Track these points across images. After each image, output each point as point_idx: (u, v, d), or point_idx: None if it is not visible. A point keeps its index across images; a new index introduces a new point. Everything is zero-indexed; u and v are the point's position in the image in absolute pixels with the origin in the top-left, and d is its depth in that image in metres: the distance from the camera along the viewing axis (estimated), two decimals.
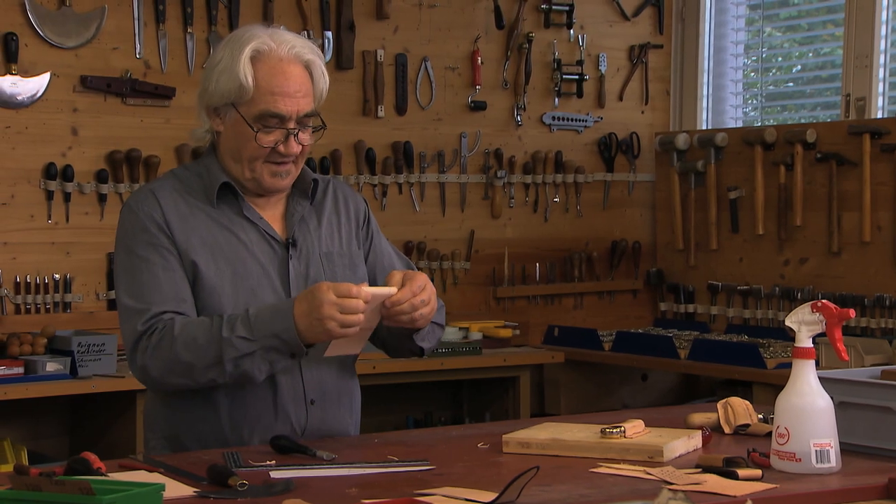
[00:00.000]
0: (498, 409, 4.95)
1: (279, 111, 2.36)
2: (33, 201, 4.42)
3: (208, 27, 4.68)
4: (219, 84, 2.38)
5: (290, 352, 2.28)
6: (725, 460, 2.07)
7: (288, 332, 2.25)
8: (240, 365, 2.28)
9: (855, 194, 4.77)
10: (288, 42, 2.39)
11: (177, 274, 2.35)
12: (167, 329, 2.30)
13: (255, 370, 2.29)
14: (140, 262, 2.36)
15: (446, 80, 5.17)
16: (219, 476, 1.98)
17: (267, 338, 2.27)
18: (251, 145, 2.38)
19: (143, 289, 2.34)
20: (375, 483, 2.03)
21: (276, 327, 2.26)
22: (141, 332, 2.32)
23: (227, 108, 2.39)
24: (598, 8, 5.47)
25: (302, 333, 2.26)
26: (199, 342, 2.28)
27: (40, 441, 4.36)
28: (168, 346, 2.29)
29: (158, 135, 4.59)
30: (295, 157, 2.40)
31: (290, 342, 2.26)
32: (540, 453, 2.21)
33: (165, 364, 2.30)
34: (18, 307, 4.37)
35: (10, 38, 4.33)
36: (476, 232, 5.24)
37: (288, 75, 2.37)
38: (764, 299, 5.11)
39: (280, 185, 2.42)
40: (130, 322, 2.33)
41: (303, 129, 2.40)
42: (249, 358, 2.27)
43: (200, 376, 2.30)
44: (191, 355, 2.28)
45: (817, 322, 2.14)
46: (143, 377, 2.35)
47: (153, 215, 2.38)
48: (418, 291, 2.30)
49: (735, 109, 5.55)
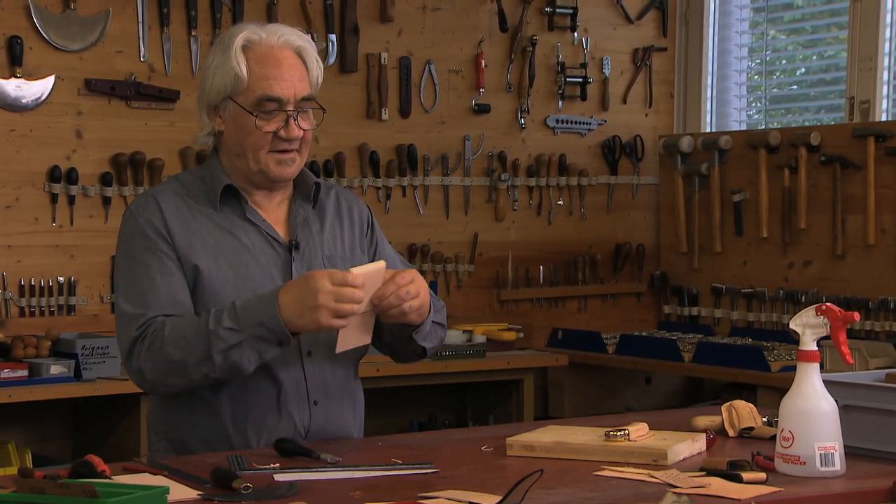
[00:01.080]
0: (502, 412, 4.95)
1: (276, 94, 2.37)
2: (38, 204, 4.42)
3: (212, 30, 4.68)
4: (214, 80, 2.39)
5: (277, 340, 2.27)
6: (730, 463, 2.07)
7: (273, 320, 2.25)
8: (229, 356, 2.27)
9: (859, 197, 4.77)
10: (278, 31, 2.41)
11: (174, 278, 2.36)
12: (158, 330, 2.31)
13: (245, 360, 2.28)
14: (138, 267, 2.36)
15: (450, 82, 5.17)
16: (223, 479, 1.98)
17: (253, 327, 2.26)
18: (253, 134, 2.38)
19: (139, 294, 2.34)
20: (379, 486, 2.03)
21: (261, 316, 2.26)
22: (135, 337, 2.32)
23: (225, 103, 2.40)
24: (601, 11, 5.47)
25: (289, 322, 2.25)
26: (188, 338, 2.28)
27: (44, 444, 4.36)
28: (159, 347, 2.29)
29: (162, 138, 4.59)
30: (298, 143, 2.40)
31: (275, 330, 2.26)
32: (544, 456, 2.21)
33: (158, 365, 2.30)
34: (23, 310, 4.37)
35: (15, 42, 4.33)
36: (480, 235, 5.24)
37: (280, 60, 2.38)
38: (768, 302, 5.10)
39: (286, 172, 2.42)
40: (126, 329, 2.35)
41: (302, 114, 2.40)
42: (237, 349, 2.27)
43: (193, 373, 2.29)
44: (181, 353, 2.28)
45: (821, 325, 2.14)
46: (140, 381, 2.36)
47: (153, 221, 2.38)
48: (404, 283, 2.30)
49: (739, 112, 5.55)
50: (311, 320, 2.24)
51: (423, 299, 2.34)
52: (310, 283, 2.24)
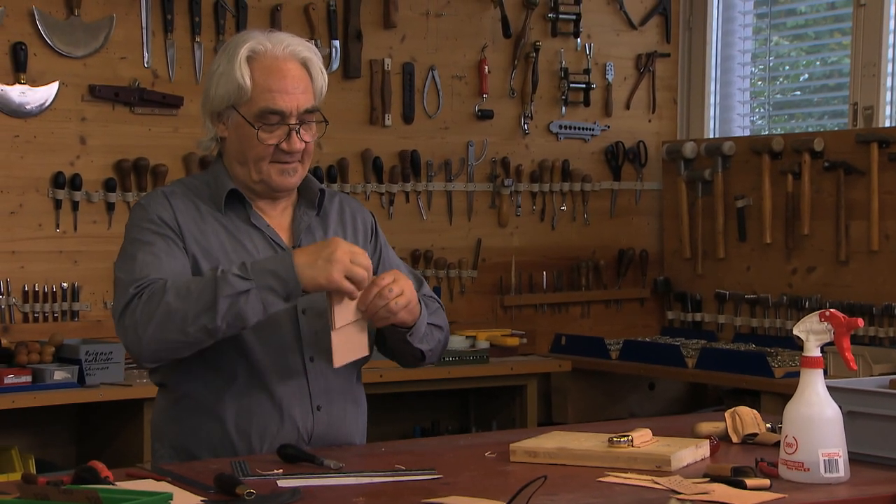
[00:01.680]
0: (505, 417, 4.95)
1: (278, 107, 2.37)
2: (41, 210, 4.43)
3: (216, 36, 4.69)
4: (218, 88, 2.39)
5: (286, 293, 2.24)
6: (733, 470, 2.07)
7: (287, 269, 2.23)
8: (235, 303, 2.22)
9: (863, 203, 4.77)
10: (283, 41, 2.41)
11: (178, 261, 2.34)
12: (158, 285, 2.27)
13: (250, 310, 2.23)
14: (143, 245, 2.35)
15: (453, 88, 5.18)
16: (226, 485, 1.98)
17: (263, 275, 2.23)
18: (255, 145, 2.38)
19: (140, 265, 2.31)
20: (382, 492, 2.03)
21: (273, 265, 2.25)
22: (132, 294, 2.27)
23: (228, 112, 2.40)
24: (605, 17, 5.48)
25: (301, 272, 2.23)
26: (191, 289, 2.24)
27: (48, 450, 4.36)
28: (158, 298, 2.24)
29: (166, 143, 4.60)
30: (300, 154, 2.40)
31: (286, 279, 2.23)
32: (547, 462, 2.21)
33: (155, 317, 2.23)
34: (26, 316, 4.38)
35: (20, 48, 4.34)
36: (483, 240, 5.24)
37: (285, 72, 2.38)
38: (772, 308, 5.10)
39: (288, 182, 2.43)
40: (123, 291, 2.29)
41: (305, 126, 2.40)
42: (245, 296, 2.22)
43: (191, 324, 2.23)
44: (182, 302, 2.23)
45: (825, 331, 2.13)
46: (131, 338, 2.27)
47: (163, 214, 2.39)
48: (385, 283, 2.29)
49: (742, 118, 5.55)
50: (323, 273, 2.22)
51: (408, 297, 2.33)
52: (329, 242, 2.27)
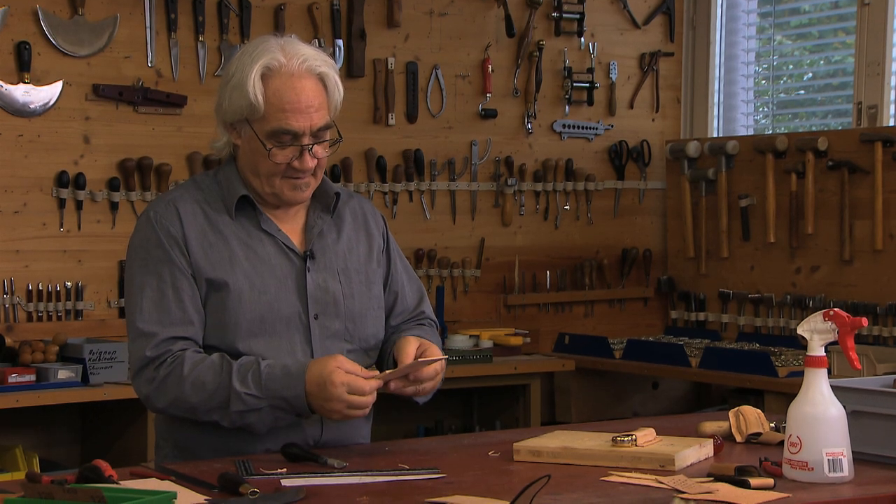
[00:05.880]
0: (508, 417, 4.95)
1: (291, 128, 2.35)
2: (45, 209, 4.43)
3: (220, 36, 4.69)
4: (232, 101, 2.38)
5: (297, 413, 2.32)
6: (737, 469, 2.07)
7: (298, 399, 2.29)
8: (245, 417, 2.31)
9: (867, 202, 4.76)
10: (300, 55, 2.37)
11: (186, 294, 2.36)
12: (177, 365, 2.32)
13: (259, 424, 2.33)
14: (151, 278, 2.37)
15: (457, 88, 5.18)
16: (230, 484, 1.99)
17: (276, 399, 2.29)
18: (266, 162, 2.38)
19: (150, 308, 2.35)
20: (386, 491, 2.03)
21: (286, 392, 2.29)
22: (150, 358, 2.34)
23: (241, 124, 2.39)
24: (608, 16, 5.47)
25: (311, 404, 2.29)
26: (208, 387, 2.30)
27: (52, 449, 4.36)
28: (176, 383, 2.31)
29: (170, 143, 4.59)
30: (312, 170, 2.40)
31: (298, 407, 2.30)
32: (551, 462, 2.21)
33: (171, 401, 2.33)
34: (30, 315, 4.38)
35: (23, 47, 4.34)
36: (486, 240, 5.24)
37: (299, 91, 2.35)
38: (775, 307, 5.09)
39: (300, 197, 2.43)
40: (138, 344, 2.36)
41: (318, 143, 2.39)
42: (256, 413, 2.31)
43: (204, 415, 2.33)
44: (198, 398, 2.31)
45: (829, 330, 2.13)
46: (146, 403, 2.39)
47: (170, 229, 2.38)
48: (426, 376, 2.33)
49: (746, 117, 5.54)
50: (327, 413, 2.30)
51: (438, 381, 2.37)
52: (328, 388, 2.25)
